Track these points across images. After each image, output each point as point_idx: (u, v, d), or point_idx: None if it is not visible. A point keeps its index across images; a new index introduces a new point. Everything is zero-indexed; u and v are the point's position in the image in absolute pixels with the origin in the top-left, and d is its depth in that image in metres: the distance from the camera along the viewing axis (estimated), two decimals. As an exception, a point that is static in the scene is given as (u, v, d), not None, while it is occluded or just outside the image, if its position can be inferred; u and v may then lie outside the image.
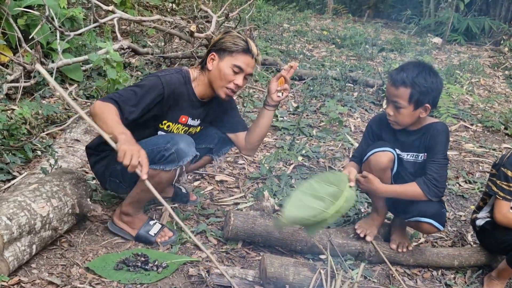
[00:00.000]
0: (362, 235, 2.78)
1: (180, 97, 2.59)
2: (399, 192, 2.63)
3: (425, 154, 2.63)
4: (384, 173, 2.62)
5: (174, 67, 2.81)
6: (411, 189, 2.59)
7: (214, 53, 2.60)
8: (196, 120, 2.75)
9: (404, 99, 2.49)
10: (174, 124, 2.66)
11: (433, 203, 2.60)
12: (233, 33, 2.61)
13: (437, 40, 9.42)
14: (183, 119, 2.68)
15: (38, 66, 1.89)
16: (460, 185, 3.94)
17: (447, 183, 3.84)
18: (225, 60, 2.57)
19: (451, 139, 4.68)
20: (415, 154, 2.66)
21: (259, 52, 2.64)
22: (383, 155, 2.60)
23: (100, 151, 2.70)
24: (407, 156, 2.68)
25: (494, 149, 4.68)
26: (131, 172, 2.11)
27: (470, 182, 4.00)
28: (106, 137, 2.08)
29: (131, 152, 2.09)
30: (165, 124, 2.64)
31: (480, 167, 4.30)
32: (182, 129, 2.71)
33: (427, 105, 2.52)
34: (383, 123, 2.73)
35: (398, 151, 2.68)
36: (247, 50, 2.57)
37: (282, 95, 2.69)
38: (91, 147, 2.75)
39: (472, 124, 5.30)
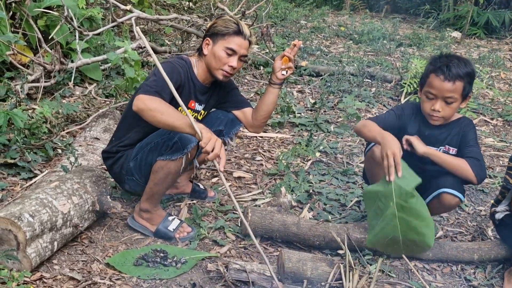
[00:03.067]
0: None
1: (188, 81, 2.69)
2: (447, 161, 2.57)
3: (446, 146, 2.67)
4: None
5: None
6: (461, 163, 2.55)
7: (208, 38, 2.70)
8: (201, 105, 2.83)
9: (458, 93, 2.52)
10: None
11: (449, 175, 2.60)
12: (225, 17, 2.72)
13: (457, 34, 9.30)
14: (192, 104, 2.77)
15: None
16: (480, 179, 3.90)
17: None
18: (218, 43, 2.66)
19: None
20: (436, 149, 2.67)
21: (252, 33, 2.72)
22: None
23: (115, 153, 2.74)
24: None
25: (515, 143, 4.62)
26: (210, 160, 2.32)
27: (490, 177, 3.95)
28: (191, 118, 2.26)
29: (214, 141, 2.28)
30: (180, 110, 2.65)
31: (501, 162, 4.25)
32: (192, 115, 2.76)
33: (470, 94, 2.59)
34: (415, 114, 2.73)
35: None
36: (238, 32, 2.66)
37: (287, 73, 2.78)
38: (107, 150, 2.80)
39: (492, 118, 5.23)
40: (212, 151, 2.26)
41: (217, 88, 2.89)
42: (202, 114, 2.89)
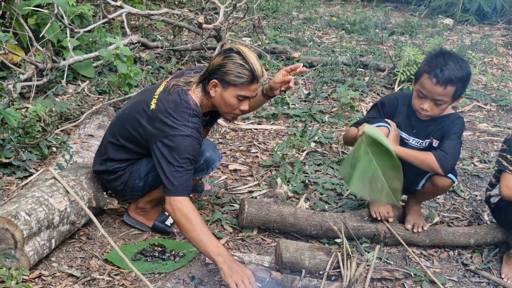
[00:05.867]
0: (383, 218, 2.80)
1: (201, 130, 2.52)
2: (413, 156, 2.60)
3: (432, 138, 2.67)
4: None
5: (173, 84, 2.59)
6: (426, 156, 2.57)
7: (216, 81, 2.43)
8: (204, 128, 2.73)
9: (449, 96, 2.50)
10: None
11: None
12: (236, 60, 2.38)
13: (448, 21, 9.29)
14: None
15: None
16: (475, 165, 3.92)
17: (462, 164, 3.84)
18: (229, 90, 2.42)
19: (465, 119, 4.64)
20: (420, 141, 2.68)
21: (263, 71, 2.44)
22: (379, 130, 2.61)
23: (112, 172, 2.65)
24: (412, 141, 2.69)
25: (508, 128, 4.64)
26: None
27: (485, 162, 3.97)
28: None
29: (241, 280, 2.17)
30: None
31: (495, 147, 4.26)
32: None
33: (462, 95, 2.58)
34: (398, 105, 2.72)
35: (405, 135, 2.70)
36: (253, 80, 2.40)
37: (285, 93, 2.67)
38: (103, 170, 2.67)
39: (486, 104, 5.25)
40: None
41: None
42: None
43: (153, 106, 2.45)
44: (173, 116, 2.38)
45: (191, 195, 3.09)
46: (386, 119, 2.67)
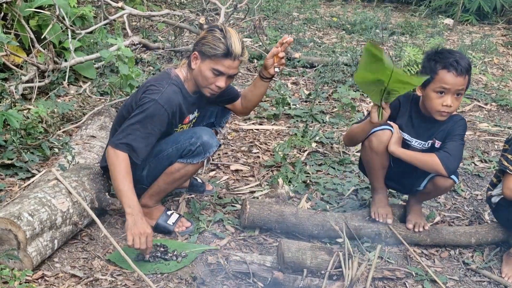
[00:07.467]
0: (382, 220, 2.80)
1: (181, 105, 2.61)
2: (416, 158, 2.62)
3: (434, 139, 2.68)
4: (384, 151, 2.66)
5: (163, 69, 2.76)
6: (430, 158, 2.59)
7: (196, 53, 2.57)
8: (194, 112, 2.79)
9: (466, 85, 2.56)
10: (181, 125, 2.72)
11: None
12: (215, 34, 2.52)
13: (449, 21, 9.29)
14: (187, 120, 2.73)
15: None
16: (475, 164, 3.92)
17: (462, 163, 3.84)
18: (206, 62, 2.54)
19: (465, 119, 4.64)
20: (423, 142, 2.69)
21: (244, 51, 2.57)
22: (382, 134, 2.64)
23: None
24: (414, 142, 2.70)
25: (509, 127, 4.64)
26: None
27: (485, 161, 3.98)
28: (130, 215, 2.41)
29: (138, 237, 2.37)
30: (178, 128, 2.72)
31: (496, 146, 4.27)
32: (188, 126, 2.77)
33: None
34: (400, 107, 2.73)
35: (407, 137, 2.71)
36: (227, 54, 2.51)
37: (279, 69, 2.71)
38: (106, 165, 2.68)
39: (486, 104, 5.25)
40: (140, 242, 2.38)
41: None
42: (197, 115, 2.85)
43: None
44: (152, 84, 2.56)
45: (192, 195, 3.11)
46: (388, 121, 2.68)
